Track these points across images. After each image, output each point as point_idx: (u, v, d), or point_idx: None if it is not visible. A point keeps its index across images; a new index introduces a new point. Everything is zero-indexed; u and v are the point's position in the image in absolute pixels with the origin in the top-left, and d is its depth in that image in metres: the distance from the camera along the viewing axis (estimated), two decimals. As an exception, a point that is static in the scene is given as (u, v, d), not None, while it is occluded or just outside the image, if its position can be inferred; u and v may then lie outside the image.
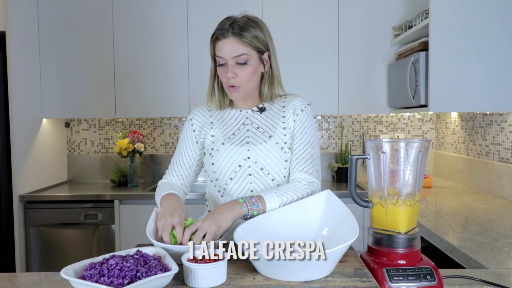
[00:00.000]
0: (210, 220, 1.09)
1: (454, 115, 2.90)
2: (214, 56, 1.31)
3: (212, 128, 1.36)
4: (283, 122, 1.33)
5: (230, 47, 1.24)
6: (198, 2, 2.89)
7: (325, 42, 2.89)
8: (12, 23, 2.60)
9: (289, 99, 1.37)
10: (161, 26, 2.91)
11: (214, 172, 1.32)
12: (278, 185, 1.33)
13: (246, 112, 1.37)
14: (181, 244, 1.05)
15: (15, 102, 2.60)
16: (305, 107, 1.35)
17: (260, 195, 1.18)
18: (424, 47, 2.36)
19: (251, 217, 1.15)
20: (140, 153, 3.00)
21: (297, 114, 1.33)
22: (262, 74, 1.33)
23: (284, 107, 1.36)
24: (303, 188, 1.23)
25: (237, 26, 1.25)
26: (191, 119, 1.39)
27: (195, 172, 1.41)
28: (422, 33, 2.43)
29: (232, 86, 1.28)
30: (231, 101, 1.40)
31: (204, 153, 1.38)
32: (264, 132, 1.33)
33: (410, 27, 2.60)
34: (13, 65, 2.60)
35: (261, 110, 1.36)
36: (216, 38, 1.26)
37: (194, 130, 1.38)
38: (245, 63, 1.26)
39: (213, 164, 1.32)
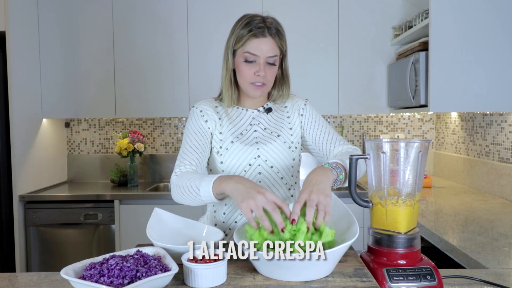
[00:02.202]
0: (315, 191, 1.00)
1: (454, 115, 2.90)
2: (236, 50, 1.28)
3: (221, 125, 1.32)
4: (289, 123, 1.37)
5: (268, 47, 1.24)
6: (198, 2, 2.89)
7: (325, 42, 2.89)
8: (12, 23, 2.60)
9: (290, 100, 1.41)
10: (161, 26, 2.91)
11: (223, 171, 1.30)
12: (286, 183, 1.33)
13: (253, 112, 1.36)
14: (292, 222, 0.96)
15: (15, 102, 2.60)
16: (305, 102, 1.41)
17: (334, 160, 1.14)
18: (424, 47, 2.36)
19: (339, 182, 1.10)
20: (140, 153, 3.00)
21: (302, 109, 1.39)
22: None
23: (286, 107, 1.40)
24: (356, 150, 1.29)
25: (274, 28, 1.26)
26: (200, 111, 1.32)
27: (205, 165, 1.32)
28: (422, 33, 2.43)
29: (259, 84, 1.27)
30: (237, 99, 1.37)
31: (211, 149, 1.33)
32: (271, 132, 1.34)
33: (410, 27, 2.60)
34: (13, 65, 2.60)
35: (268, 111, 1.37)
36: (253, 34, 1.23)
37: (206, 121, 1.31)
38: (273, 64, 1.28)
39: (221, 162, 1.29)
